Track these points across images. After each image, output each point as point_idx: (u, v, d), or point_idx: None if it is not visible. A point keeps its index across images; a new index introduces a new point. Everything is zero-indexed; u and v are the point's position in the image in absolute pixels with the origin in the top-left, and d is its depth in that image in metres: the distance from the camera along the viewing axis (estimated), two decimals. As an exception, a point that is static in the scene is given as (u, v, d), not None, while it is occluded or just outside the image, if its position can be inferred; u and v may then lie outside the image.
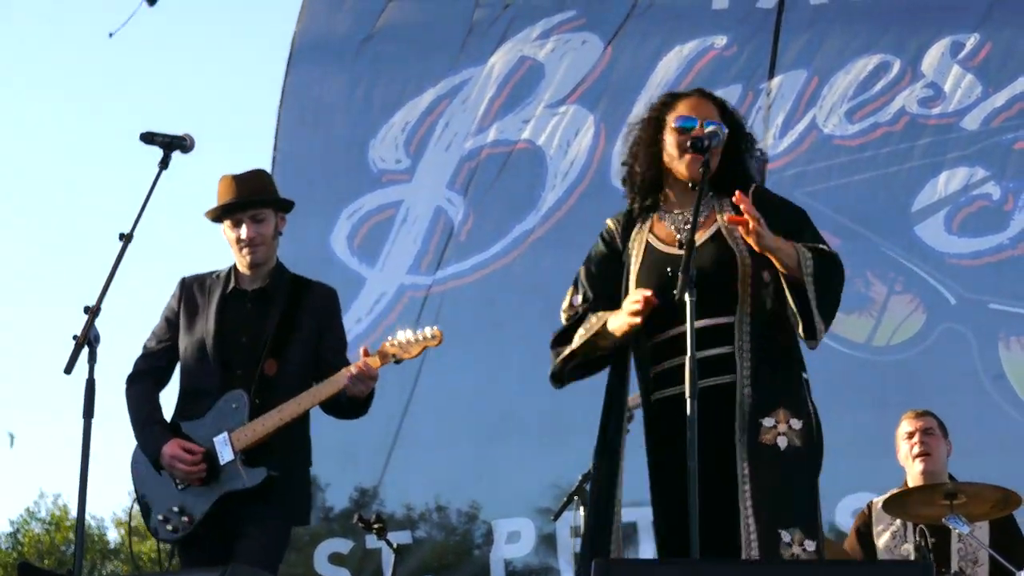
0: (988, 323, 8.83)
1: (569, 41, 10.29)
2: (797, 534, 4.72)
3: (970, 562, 6.66)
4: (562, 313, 5.40)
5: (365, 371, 5.57)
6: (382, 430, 9.49)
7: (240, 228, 5.74)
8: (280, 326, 5.72)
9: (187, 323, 5.81)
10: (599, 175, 9.87)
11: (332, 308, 5.89)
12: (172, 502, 5.63)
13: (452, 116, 10.29)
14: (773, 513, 4.74)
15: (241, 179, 5.81)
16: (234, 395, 5.62)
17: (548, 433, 9.22)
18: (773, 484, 4.77)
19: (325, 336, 5.79)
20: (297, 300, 5.79)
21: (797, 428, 4.84)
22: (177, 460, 5.57)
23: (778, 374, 4.91)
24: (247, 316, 5.76)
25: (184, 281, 5.93)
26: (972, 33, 9.49)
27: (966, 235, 9.05)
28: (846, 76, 9.65)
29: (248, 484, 5.55)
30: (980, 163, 9.17)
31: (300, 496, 5.78)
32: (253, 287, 5.81)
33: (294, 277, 5.89)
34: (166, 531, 5.63)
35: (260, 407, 5.59)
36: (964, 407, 8.37)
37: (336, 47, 10.69)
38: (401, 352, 5.73)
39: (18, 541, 35.41)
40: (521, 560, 9.41)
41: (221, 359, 5.69)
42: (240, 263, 5.81)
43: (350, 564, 9.56)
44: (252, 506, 5.55)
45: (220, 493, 5.57)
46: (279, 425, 5.57)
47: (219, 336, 5.71)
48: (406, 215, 10.08)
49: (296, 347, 5.71)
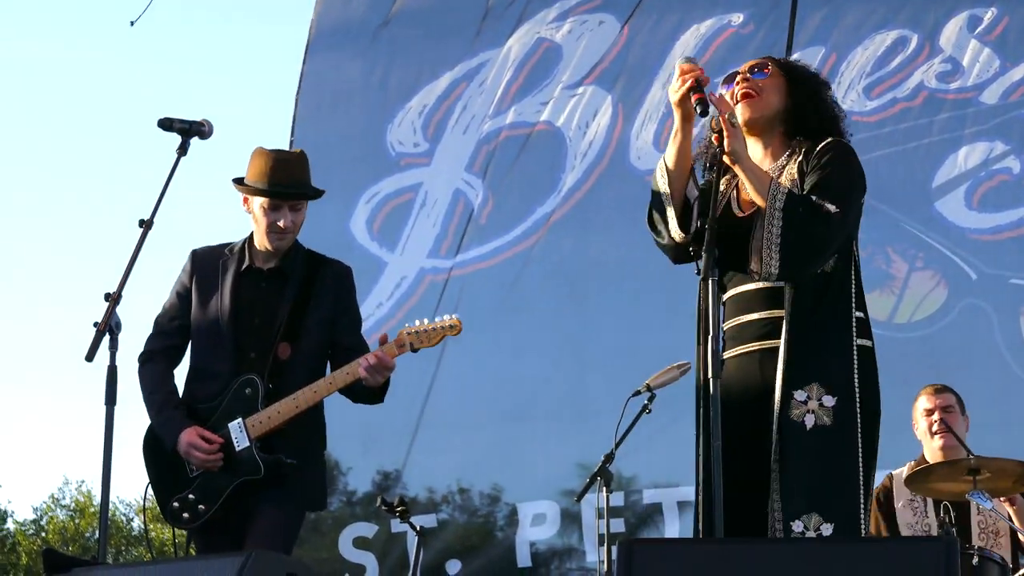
0: (1009, 298, 8.79)
1: (586, 22, 10.28)
2: (814, 519, 4.69)
3: (991, 534, 6.66)
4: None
5: (381, 361, 5.53)
6: (404, 414, 9.51)
7: (279, 214, 5.62)
8: (294, 308, 5.65)
9: (200, 299, 5.71)
10: (618, 154, 9.87)
11: (347, 287, 5.81)
12: (186, 489, 5.60)
13: (469, 99, 10.29)
14: (793, 499, 4.71)
15: (286, 161, 5.69)
16: (247, 380, 5.58)
17: (571, 415, 9.25)
18: (798, 465, 4.73)
19: (340, 317, 5.72)
20: (312, 279, 5.70)
21: (829, 405, 4.76)
22: (195, 449, 5.53)
23: (822, 342, 4.81)
24: (261, 296, 5.69)
25: (195, 254, 5.83)
26: (989, 7, 9.45)
27: (986, 210, 9.01)
28: (864, 52, 9.61)
29: (264, 472, 5.53)
30: (1000, 137, 9.14)
31: (315, 482, 5.75)
32: (268, 265, 5.73)
33: (310, 254, 5.80)
34: (181, 518, 5.60)
35: (273, 392, 5.56)
36: (986, 382, 8.37)
37: (353, 33, 10.70)
38: (419, 341, 5.68)
39: (42, 528, 35.59)
40: (545, 542, 9.43)
41: (235, 341, 5.63)
42: (264, 244, 5.70)
43: (375, 548, 9.59)
44: (267, 492, 5.54)
45: (236, 481, 5.55)
46: (295, 413, 5.54)
47: (233, 316, 5.64)
48: (425, 198, 10.09)
49: (310, 329, 5.65)
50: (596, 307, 9.56)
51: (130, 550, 32.86)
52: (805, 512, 4.71)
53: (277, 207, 5.63)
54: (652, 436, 7.84)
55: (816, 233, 4.78)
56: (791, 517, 4.71)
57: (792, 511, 4.72)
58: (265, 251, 5.73)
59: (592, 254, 9.70)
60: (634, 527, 9.24)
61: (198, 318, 5.71)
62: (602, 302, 9.55)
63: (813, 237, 4.78)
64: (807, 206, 4.78)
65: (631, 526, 9.22)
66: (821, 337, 4.82)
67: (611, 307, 9.49)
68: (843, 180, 4.90)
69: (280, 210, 5.63)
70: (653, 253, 7.01)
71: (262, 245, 5.72)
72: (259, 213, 5.67)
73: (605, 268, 9.57)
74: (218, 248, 5.84)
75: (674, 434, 8.09)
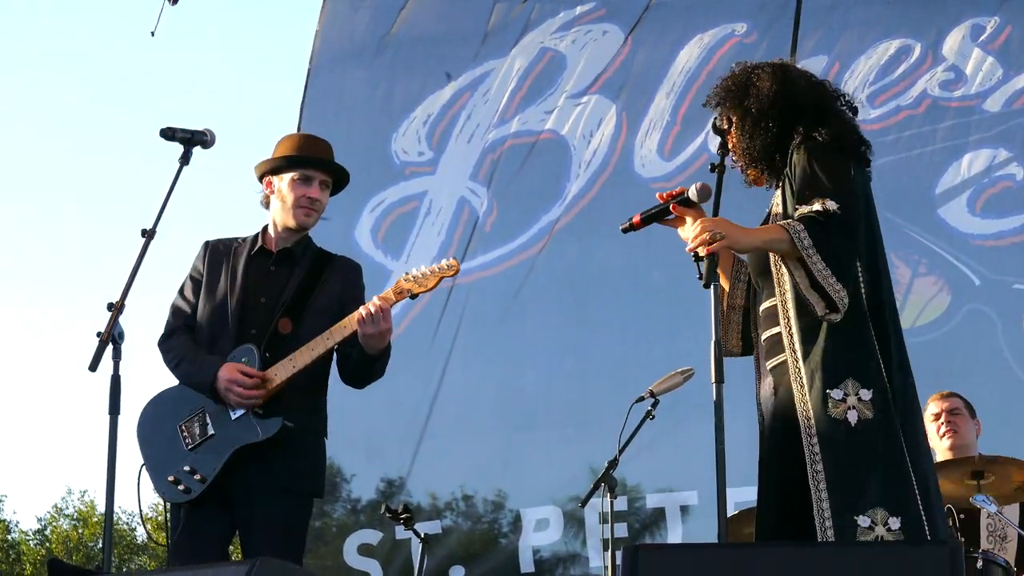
0: (1013, 303, 8.80)
1: (590, 32, 10.31)
2: (880, 513, 4.63)
3: (999, 538, 6.66)
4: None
5: (377, 309, 5.40)
6: (408, 421, 9.55)
7: (311, 186, 5.65)
8: (300, 289, 5.62)
9: (208, 284, 5.69)
10: (622, 163, 9.89)
11: (356, 280, 5.78)
12: (183, 462, 5.50)
13: (474, 109, 10.32)
14: (845, 497, 4.64)
15: (317, 140, 5.79)
16: (244, 349, 5.52)
17: (575, 421, 9.26)
18: (847, 462, 4.67)
19: (348, 306, 5.62)
20: (321, 267, 5.69)
21: (867, 399, 4.70)
22: (235, 383, 5.44)
23: (841, 343, 4.75)
24: (268, 276, 5.67)
25: (208, 243, 5.83)
26: (992, 16, 9.47)
27: (989, 216, 9.03)
28: (867, 61, 9.63)
29: (263, 436, 5.43)
30: (1003, 144, 9.16)
31: (314, 465, 5.66)
32: (279, 248, 5.72)
33: (320, 249, 5.80)
34: (177, 492, 5.49)
35: (270, 361, 5.49)
36: (989, 387, 8.35)
37: (358, 43, 10.74)
38: (417, 285, 5.58)
39: (46, 538, 35.60)
40: (549, 548, 9.44)
41: (239, 319, 5.59)
42: (288, 223, 5.68)
43: (379, 555, 9.60)
44: (265, 475, 5.44)
45: (233, 448, 5.45)
46: (292, 373, 5.46)
47: (240, 296, 5.61)
48: (429, 207, 10.12)
49: (314, 312, 5.60)
50: (600, 315, 9.58)
51: (134, 559, 32.85)
52: (871, 507, 4.63)
53: (308, 179, 5.67)
54: (655, 441, 7.85)
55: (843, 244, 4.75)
56: (856, 512, 4.61)
57: (855, 506, 4.62)
58: (280, 235, 5.72)
59: (596, 262, 9.72)
60: (638, 532, 9.26)
61: (205, 301, 5.68)
62: (606, 310, 9.57)
63: (846, 248, 4.76)
64: (822, 225, 4.71)
65: (635, 531, 9.24)
66: (841, 335, 4.76)
67: (615, 315, 9.51)
68: (828, 172, 4.82)
69: (311, 183, 5.67)
70: (657, 261, 7.06)
71: (284, 225, 5.70)
72: (287, 189, 5.68)
73: (609, 276, 9.59)
74: (230, 239, 5.85)
75: (677, 439, 8.15)
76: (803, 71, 5.16)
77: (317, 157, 5.71)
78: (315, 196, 5.66)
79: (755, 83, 5.01)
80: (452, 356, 9.54)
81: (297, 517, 5.59)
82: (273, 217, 5.76)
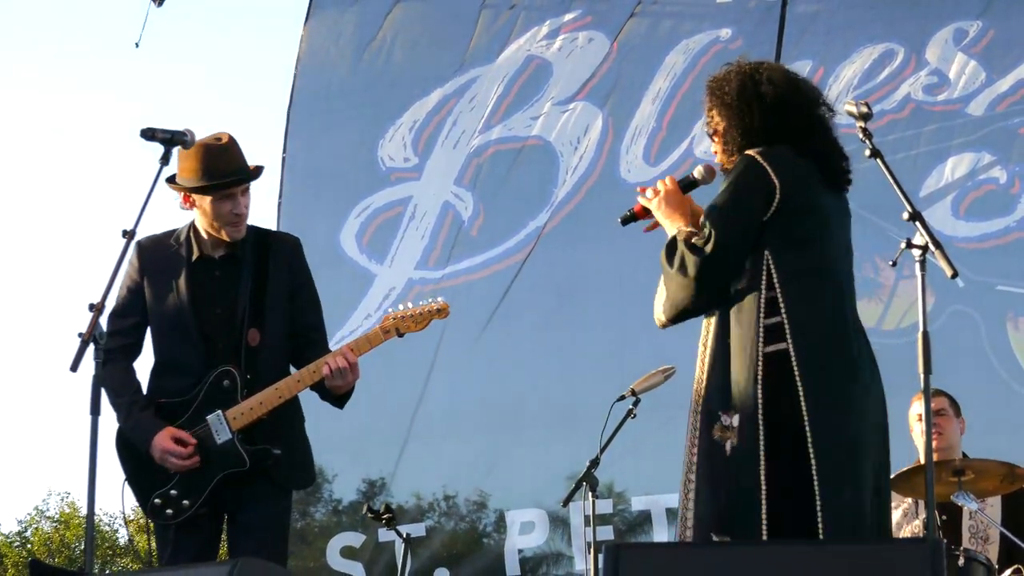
0: (996, 304, 8.85)
1: (576, 39, 10.32)
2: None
3: (981, 539, 6.66)
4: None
5: (345, 365, 5.45)
6: (392, 422, 9.56)
7: (232, 202, 5.58)
8: (254, 292, 5.59)
9: (155, 293, 5.64)
10: (608, 168, 9.91)
11: (301, 263, 5.75)
12: (169, 485, 5.52)
13: (460, 115, 10.33)
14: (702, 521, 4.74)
15: (221, 150, 5.61)
16: (224, 372, 5.51)
17: (559, 424, 9.26)
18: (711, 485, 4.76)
19: (298, 293, 5.66)
20: (264, 258, 5.64)
21: (736, 426, 4.73)
22: (169, 454, 5.46)
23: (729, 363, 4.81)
24: (218, 285, 5.63)
25: (141, 246, 5.71)
26: (975, 20, 9.50)
27: (973, 219, 9.06)
28: (851, 65, 9.65)
29: (250, 465, 5.48)
30: (986, 148, 9.19)
31: (301, 460, 5.70)
32: (219, 253, 5.67)
33: (256, 232, 5.73)
34: (164, 515, 5.53)
35: (252, 381, 5.51)
36: (974, 387, 8.35)
37: (344, 48, 10.73)
38: (405, 326, 5.60)
39: (27, 540, 35.47)
40: (533, 550, 9.45)
41: (201, 332, 5.56)
42: (218, 235, 5.63)
43: (362, 557, 9.60)
44: (252, 484, 5.50)
45: (220, 475, 5.49)
46: (277, 404, 5.51)
47: (193, 308, 5.57)
48: (414, 212, 10.13)
49: (273, 309, 5.60)
50: (586, 318, 9.60)
51: (116, 561, 32.68)
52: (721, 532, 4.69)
53: (229, 196, 5.58)
54: (639, 443, 7.86)
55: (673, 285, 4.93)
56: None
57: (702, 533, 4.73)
58: (214, 240, 5.66)
59: (583, 266, 9.73)
60: (623, 534, 9.25)
61: (157, 312, 5.63)
62: (592, 313, 9.59)
63: (677, 288, 4.92)
64: (669, 255, 4.90)
65: (620, 534, 9.24)
66: (728, 358, 4.82)
67: (601, 318, 9.52)
68: (720, 199, 4.91)
69: (233, 198, 5.58)
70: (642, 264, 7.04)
71: (212, 235, 5.65)
72: (209, 208, 5.59)
73: (595, 279, 9.61)
74: (164, 237, 5.75)
75: (662, 441, 8.14)
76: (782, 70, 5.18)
77: (233, 176, 5.59)
78: (240, 211, 5.60)
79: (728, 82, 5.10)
80: (438, 357, 9.54)
81: (280, 519, 5.62)
82: (199, 224, 5.70)
